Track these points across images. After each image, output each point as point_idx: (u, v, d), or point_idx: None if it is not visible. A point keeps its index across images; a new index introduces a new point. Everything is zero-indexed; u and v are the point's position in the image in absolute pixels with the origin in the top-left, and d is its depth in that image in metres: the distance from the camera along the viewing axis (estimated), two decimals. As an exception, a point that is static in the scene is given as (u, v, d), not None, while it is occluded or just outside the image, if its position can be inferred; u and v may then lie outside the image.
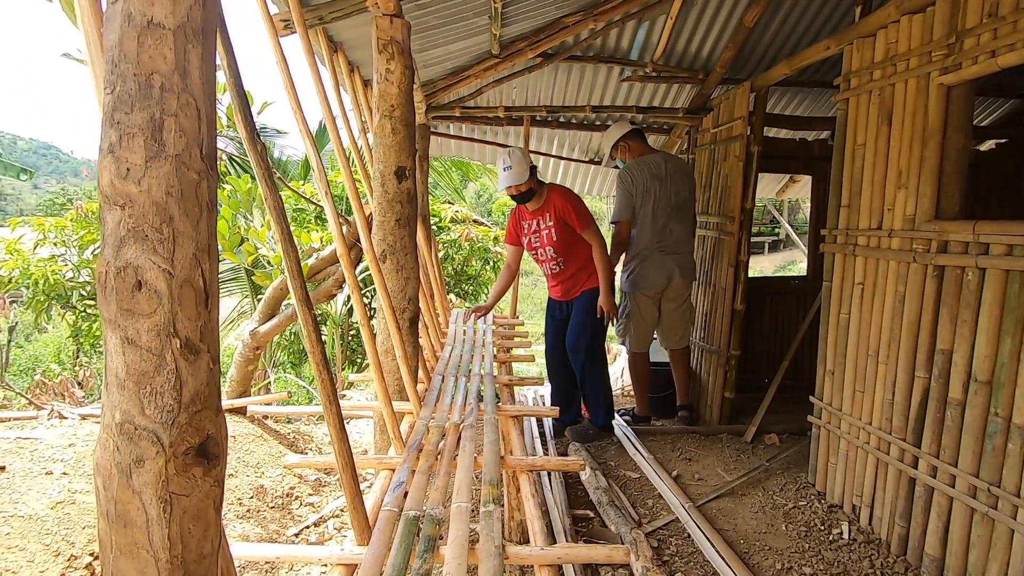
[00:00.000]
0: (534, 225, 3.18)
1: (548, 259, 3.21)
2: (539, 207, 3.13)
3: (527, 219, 3.21)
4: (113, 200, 0.58)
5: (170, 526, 0.62)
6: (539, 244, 3.19)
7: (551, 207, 3.09)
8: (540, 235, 3.17)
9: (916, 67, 2.12)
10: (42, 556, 1.69)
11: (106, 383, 0.61)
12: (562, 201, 3.06)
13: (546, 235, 3.14)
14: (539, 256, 3.25)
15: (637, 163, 3.31)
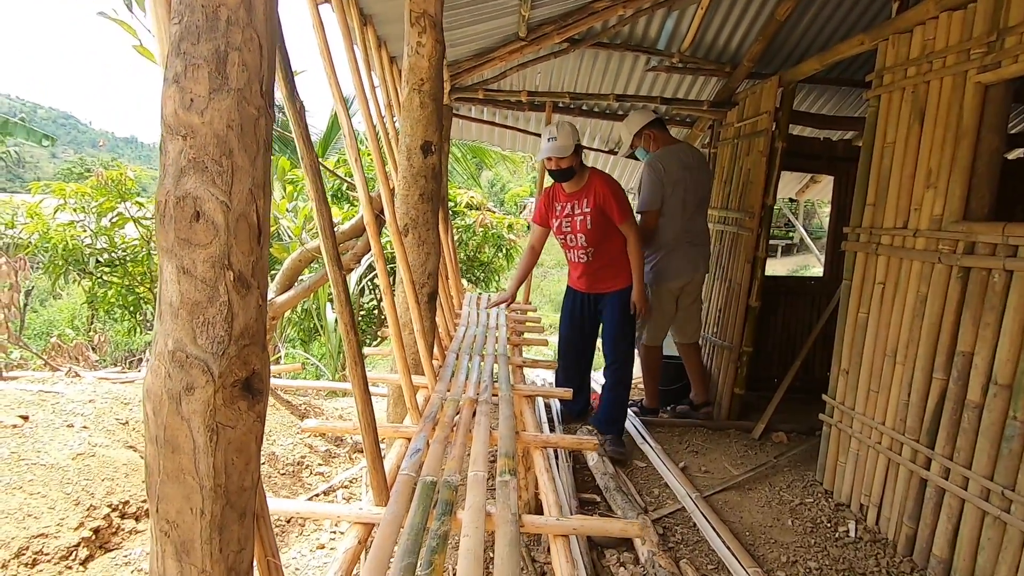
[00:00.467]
0: (568, 208, 2.94)
1: (577, 247, 2.99)
2: (577, 190, 2.89)
3: (561, 200, 2.97)
4: (175, 130, 0.59)
5: (215, 455, 0.63)
6: (570, 229, 2.96)
7: (591, 192, 2.85)
8: (573, 220, 2.93)
9: (953, 64, 2.09)
10: (63, 504, 1.72)
11: (159, 312, 0.62)
12: (604, 188, 2.84)
13: (580, 221, 2.91)
14: (567, 242, 3.03)
15: (668, 152, 3.23)
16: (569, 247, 3.04)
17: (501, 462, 1.43)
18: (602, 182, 2.87)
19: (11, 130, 9.11)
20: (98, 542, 1.78)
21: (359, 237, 3.26)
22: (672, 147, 3.28)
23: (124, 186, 5.90)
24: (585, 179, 2.89)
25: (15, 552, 1.57)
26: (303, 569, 2.00)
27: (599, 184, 2.86)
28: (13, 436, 1.93)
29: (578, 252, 3.01)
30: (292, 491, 2.42)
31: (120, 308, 6.19)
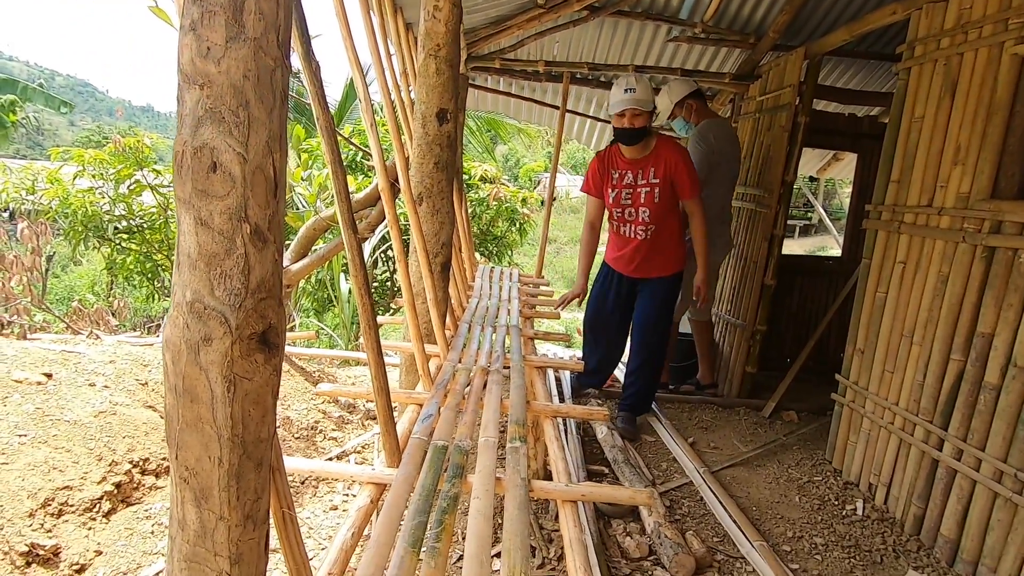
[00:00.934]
0: (628, 177, 2.58)
1: (636, 222, 2.63)
2: (642, 156, 2.54)
3: (619, 167, 2.60)
4: (192, 79, 0.59)
5: (233, 406, 0.64)
6: (630, 202, 2.61)
7: (660, 161, 2.52)
8: (636, 192, 2.58)
9: (989, 36, 2.01)
10: (86, 459, 1.78)
11: (178, 263, 0.63)
12: (676, 156, 2.51)
13: (645, 194, 2.57)
14: (624, 216, 2.66)
15: (716, 124, 3.14)
16: (625, 221, 2.68)
17: (512, 429, 1.45)
18: (673, 149, 2.54)
19: (30, 96, 9.17)
20: (120, 496, 1.84)
21: (373, 206, 3.26)
22: (716, 120, 3.22)
23: (141, 153, 5.93)
24: (652, 145, 2.54)
25: (42, 502, 1.64)
26: (316, 528, 2.05)
27: (669, 151, 2.53)
28: (37, 393, 1.98)
29: (636, 228, 2.66)
30: (306, 454, 2.48)
31: (138, 275, 6.29)
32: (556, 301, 3.07)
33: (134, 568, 1.66)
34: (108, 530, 1.73)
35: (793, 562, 2.00)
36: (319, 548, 1.94)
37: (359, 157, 6.26)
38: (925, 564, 2.02)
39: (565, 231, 17.12)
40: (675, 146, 2.58)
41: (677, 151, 2.54)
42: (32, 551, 1.52)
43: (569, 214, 18.99)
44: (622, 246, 2.74)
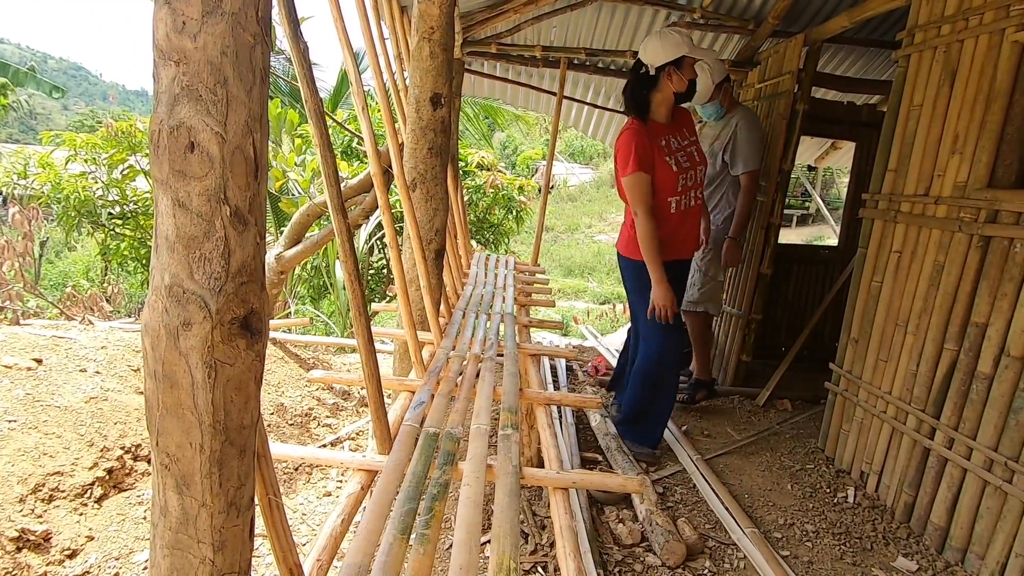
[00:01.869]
0: (675, 141, 2.37)
1: (697, 184, 2.43)
2: (672, 122, 2.41)
3: (663, 133, 2.35)
4: (168, 55, 0.57)
5: (214, 392, 0.63)
6: (690, 164, 2.37)
7: (686, 119, 2.47)
8: (688, 152, 2.40)
9: (990, 23, 1.98)
10: (77, 444, 1.77)
11: (155, 245, 0.61)
12: (689, 115, 2.51)
13: (696, 151, 2.44)
14: (688, 182, 2.37)
15: (751, 110, 3.16)
16: (688, 190, 2.38)
17: (504, 416, 1.44)
18: (686, 111, 2.52)
19: (21, 80, 9.04)
20: (112, 482, 1.84)
21: (367, 192, 3.23)
22: (745, 105, 3.22)
23: (134, 138, 5.86)
24: None
25: (32, 488, 1.63)
26: (310, 514, 2.06)
27: (686, 112, 2.52)
28: (28, 378, 1.97)
29: (696, 193, 2.44)
30: (300, 441, 2.48)
31: (132, 261, 6.25)
32: (549, 289, 3.06)
33: (126, 553, 1.66)
34: (100, 516, 1.73)
35: (784, 548, 2.02)
36: (312, 534, 1.94)
37: (354, 143, 6.21)
38: (914, 551, 2.04)
39: (562, 219, 17.07)
40: (684, 110, 2.52)
41: (687, 113, 2.50)
42: (23, 536, 1.52)
43: (566, 202, 18.94)
44: (683, 223, 2.42)
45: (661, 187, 2.31)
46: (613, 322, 8.47)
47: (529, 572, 1.79)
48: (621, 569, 1.84)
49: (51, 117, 31.83)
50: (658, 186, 2.31)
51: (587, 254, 13.69)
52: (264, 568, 1.70)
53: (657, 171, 2.29)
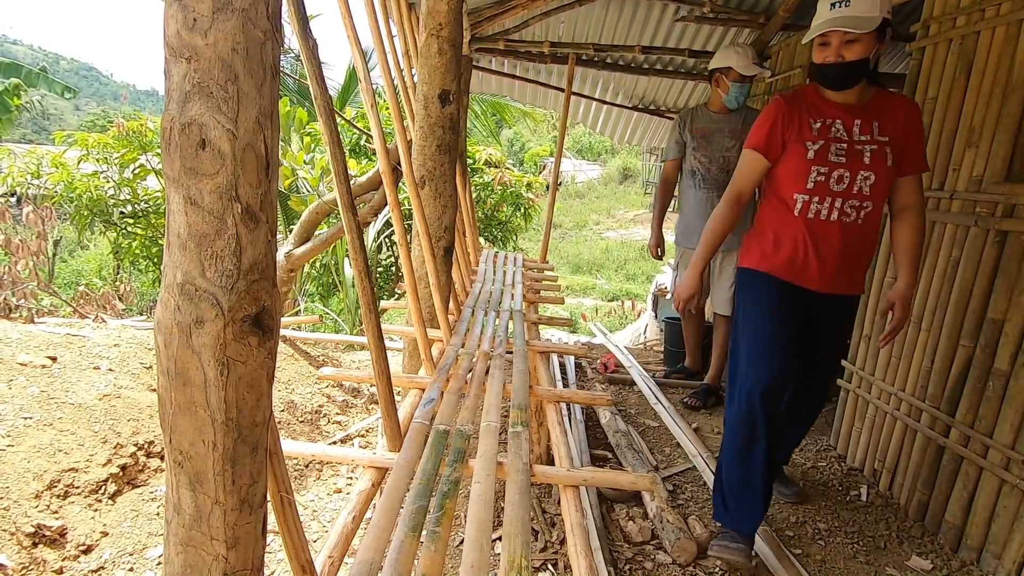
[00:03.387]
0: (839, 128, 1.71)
1: (851, 194, 1.70)
2: (861, 103, 1.72)
3: (826, 114, 1.73)
4: (179, 52, 0.57)
5: (226, 389, 0.63)
6: (845, 160, 1.68)
7: (894, 110, 1.72)
8: (855, 149, 1.69)
9: (1008, 13, 1.95)
10: (91, 441, 1.79)
11: (168, 243, 0.61)
12: (916, 110, 1.75)
13: (871, 152, 1.68)
14: (830, 184, 1.70)
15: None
16: (830, 193, 1.71)
17: (514, 414, 1.44)
18: (911, 101, 1.79)
19: (33, 80, 9.14)
20: (126, 478, 1.85)
21: (376, 190, 3.23)
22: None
23: (145, 137, 5.91)
24: (873, 90, 1.74)
25: (47, 484, 1.65)
26: (321, 511, 2.07)
27: (901, 103, 1.74)
28: (42, 376, 1.99)
29: (847, 204, 1.71)
30: (310, 438, 2.49)
31: (144, 259, 6.31)
32: (558, 286, 3.02)
33: (140, 549, 1.68)
34: (114, 512, 1.75)
35: (796, 547, 2.00)
36: (323, 531, 1.95)
37: (362, 141, 6.22)
38: (929, 550, 2.01)
39: (570, 216, 17.04)
40: (906, 99, 1.77)
41: (912, 105, 1.74)
42: (39, 532, 1.54)
43: (574, 199, 18.89)
44: (815, 237, 1.75)
45: (785, 177, 1.76)
46: (622, 319, 8.45)
47: (539, 569, 1.78)
48: (631, 567, 1.83)
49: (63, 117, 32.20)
50: (781, 175, 1.77)
51: (595, 251, 13.65)
52: (276, 565, 1.72)
53: (786, 155, 1.74)
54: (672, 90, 4.73)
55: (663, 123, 5.17)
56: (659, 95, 4.81)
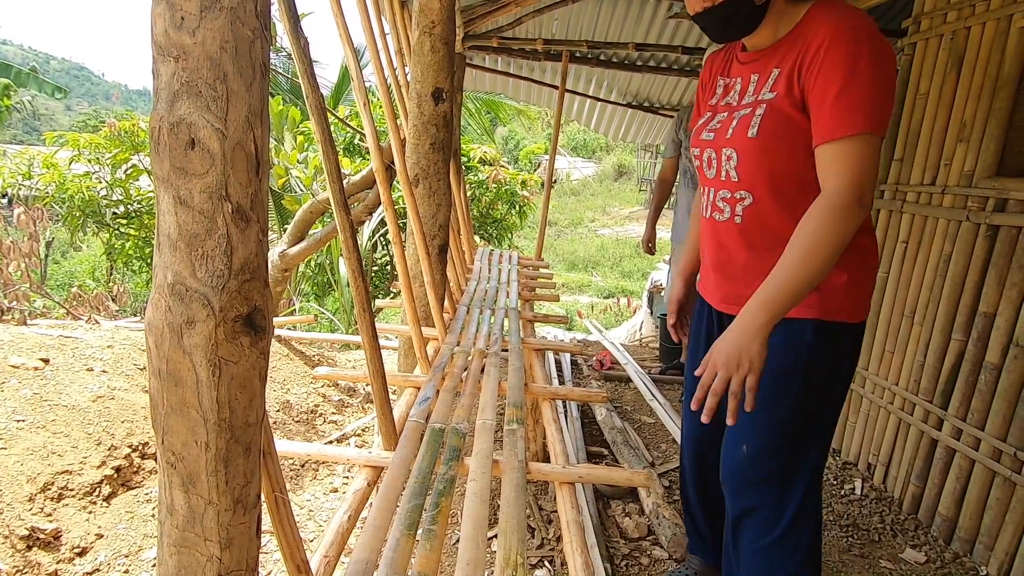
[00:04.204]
0: (734, 90, 1.22)
1: (722, 183, 1.23)
2: (779, 42, 1.14)
3: (732, 72, 1.25)
4: (167, 51, 0.56)
5: (219, 390, 0.63)
6: (716, 136, 1.22)
7: (808, 43, 1.06)
8: (730, 120, 1.19)
9: (997, 8, 1.96)
10: (84, 443, 1.78)
11: (158, 243, 0.61)
12: (833, 35, 1.02)
13: (739, 121, 1.16)
14: (704, 171, 1.28)
15: None
16: (707, 183, 1.29)
17: (509, 411, 1.44)
18: (833, 26, 1.03)
19: (23, 80, 9.06)
20: (120, 480, 1.85)
21: (370, 188, 3.22)
22: None
23: (137, 137, 5.88)
24: (799, 18, 1.11)
25: (41, 487, 1.64)
26: (317, 510, 2.06)
27: (823, 30, 1.04)
28: (35, 378, 1.98)
29: (720, 197, 1.25)
30: (306, 438, 2.49)
31: (138, 260, 6.28)
32: (553, 283, 3.03)
33: (135, 551, 1.67)
34: (109, 513, 1.74)
35: (791, 541, 2.01)
36: (320, 530, 1.95)
37: (356, 139, 6.20)
38: (923, 543, 2.03)
39: (565, 213, 17.04)
40: (827, 24, 1.04)
41: (831, 32, 1.03)
42: (33, 535, 1.53)
43: (569, 196, 18.89)
44: (703, 242, 1.37)
45: None
46: (617, 316, 8.46)
47: (536, 566, 1.79)
48: (628, 563, 1.84)
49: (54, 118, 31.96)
50: None
51: (591, 248, 13.66)
52: (272, 564, 1.71)
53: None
54: (666, 87, 4.73)
55: (657, 120, 5.18)
56: (653, 92, 4.82)
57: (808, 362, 1.17)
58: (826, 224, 1.00)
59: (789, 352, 1.17)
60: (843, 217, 0.99)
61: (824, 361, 1.17)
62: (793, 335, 1.16)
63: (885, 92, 1.01)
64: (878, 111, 1.00)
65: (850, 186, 1.00)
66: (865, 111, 0.99)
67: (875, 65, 0.99)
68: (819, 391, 1.20)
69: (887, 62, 1.01)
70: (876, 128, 0.99)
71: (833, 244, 0.99)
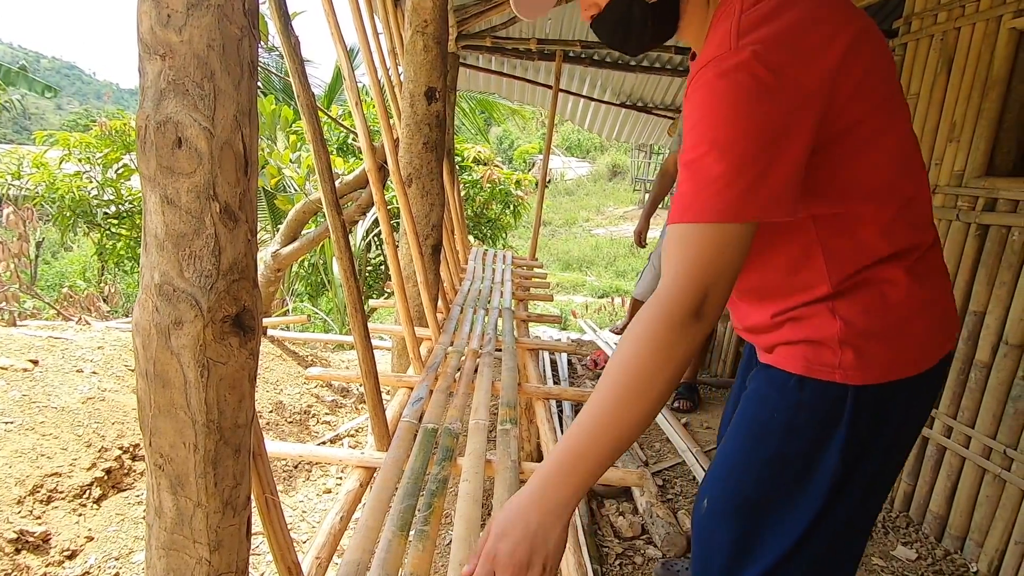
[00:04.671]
0: None
1: None
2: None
3: None
4: (153, 49, 0.56)
5: (207, 391, 0.62)
6: None
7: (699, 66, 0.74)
8: None
9: (987, 9, 1.97)
10: (74, 445, 1.76)
11: (145, 244, 0.60)
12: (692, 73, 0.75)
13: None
14: None
15: None
16: None
17: (503, 411, 1.44)
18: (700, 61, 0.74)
19: (12, 79, 8.98)
20: (111, 482, 1.83)
21: (363, 188, 3.22)
22: None
23: (128, 137, 5.83)
24: (710, 18, 0.82)
25: (30, 489, 1.62)
26: (309, 512, 2.06)
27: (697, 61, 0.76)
28: (24, 380, 1.96)
29: None
30: (299, 438, 2.47)
31: (129, 260, 6.23)
32: (547, 283, 3.03)
33: (126, 553, 1.66)
34: (99, 516, 1.73)
35: (784, 539, 2.02)
36: (312, 532, 1.94)
37: (349, 139, 6.18)
38: (914, 540, 2.04)
39: (559, 213, 17.05)
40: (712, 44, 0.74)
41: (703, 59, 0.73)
42: (21, 538, 1.52)
43: (563, 196, 18.91)
44: None
45: None
46: (612, 316, 8.47)
47: (530, 566, 1.79)
48: (622, 562, 1.84)
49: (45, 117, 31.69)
50: None
51: (585, 248, 13.68)
52: (264, 566, 1.70)
53: None
54: (660, 87, 4.74)
55: (651, 120, 5.19)
56: (647, 92, 4.82)
57: (785, 425, 0.84)
58: (647, 343, 0.70)
59: (765, 406, 0.87)
60: (667, 335, 0.70)
61: (808, 431, 0.83)
62: (777, 386, 0.86)
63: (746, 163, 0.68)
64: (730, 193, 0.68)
65: (683, 290, 0.70)
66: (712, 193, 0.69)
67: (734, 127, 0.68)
68: (793, 470, 0.84)
69: (756, 120, 0.67)
70: (724, 216, 0.68)
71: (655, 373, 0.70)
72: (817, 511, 0.83)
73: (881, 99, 0.76)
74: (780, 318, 0.86)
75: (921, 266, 0.82)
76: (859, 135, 0.75)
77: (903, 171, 0.80)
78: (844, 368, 0.80)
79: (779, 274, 0.84)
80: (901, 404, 0.82)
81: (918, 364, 0.82)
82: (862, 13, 0.76)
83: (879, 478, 0.87)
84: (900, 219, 0.79)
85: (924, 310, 0.82)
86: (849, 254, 0.80)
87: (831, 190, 0.78)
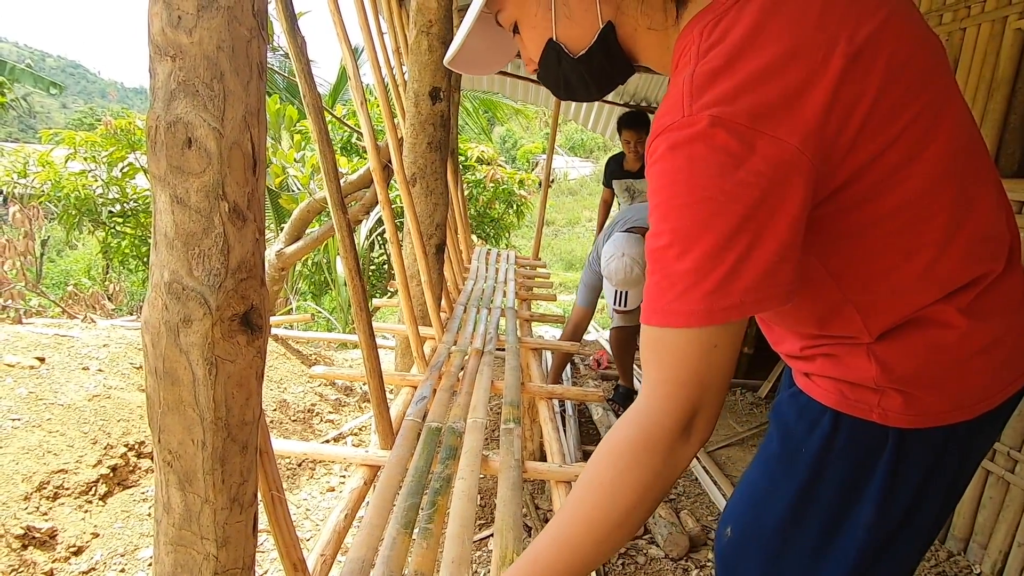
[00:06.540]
0: None
1: None
2: None
3: None
4: (164, 51, 0.56)
5: (215, 388, 0.63)
6: None
7: None
8: None
9: (992, 10, 1.97)
10: (81, 442, 1.78)
11: (154, 242, 0.61)
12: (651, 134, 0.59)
13: None
14: None
15: None
16: None
17: (506, 410, 1.44)
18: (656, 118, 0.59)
19: (18, 76, 9.02)
20: (116, 479, 1.84)
21: (367, 188, 3.22)
22: None
23: (133, 135, 5.86)
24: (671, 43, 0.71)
25: (37, 486, 1.64)
26: (313, 510, 2.07)
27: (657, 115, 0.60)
28: (30, 377, 1.97)
29: None
30: (303, 437, 2.48)
31: (134, 259, 6.26)
32: (551, 283, 3.02)
33: (131, 550, 1.67)
34: (105, 512, 1.74)
35: (786, 540, 2.02)
36: (316, 529, 1.95)
37: (353, 138, 6.20)
38: (917, 541, 2.04)
39: (563, 213, 17.05)
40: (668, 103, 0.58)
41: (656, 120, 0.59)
42: (28, 534, 1.53)
43: (567, 196, 18.90)
44: None
45: None
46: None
47: (532, 565, 1.79)
48: (624, 561, 1.84)
49: (50, 115, 31.84)
50: None
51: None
52: (269, 563, 1.71)
53: None
54: (663, 87, 4.74)
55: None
56: (650, 92, 4.82)
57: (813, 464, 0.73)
58: (623, 473, 0.59)
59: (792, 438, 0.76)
60: (650, 461, 0.58)
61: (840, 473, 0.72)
62: (808, 418, 0.74)
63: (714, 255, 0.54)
64: (698, 293, 0.55)
65: (665, 408, 0.58)
66: (678, 294, 0.56)
67: (695, 212, 0.54)
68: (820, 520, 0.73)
69: (720, 203, 0.53)
70: (696, 320, 0.55)
71: (633, 508, 0.58)
72: (849, 568, 0.72)
73: (916, 111, 0.58)
74: (811, 352, 0.73)
75: (984, 303, 0.65)
76: (879, 170, 0.58)
77: (946, 192, 0.61)
78: (884, 409, 0.68)
79: (810, 324, 0.72)
80: (953, 447, 0.69)
81: (974, 408, 0.68)
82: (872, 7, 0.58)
83: (925, 530, 0.74)
84: (949, 255, 0.62)
85: (986, 351, 0.66)
86: (885, 306, 0.65)
87: (844, 247, 0.63)
